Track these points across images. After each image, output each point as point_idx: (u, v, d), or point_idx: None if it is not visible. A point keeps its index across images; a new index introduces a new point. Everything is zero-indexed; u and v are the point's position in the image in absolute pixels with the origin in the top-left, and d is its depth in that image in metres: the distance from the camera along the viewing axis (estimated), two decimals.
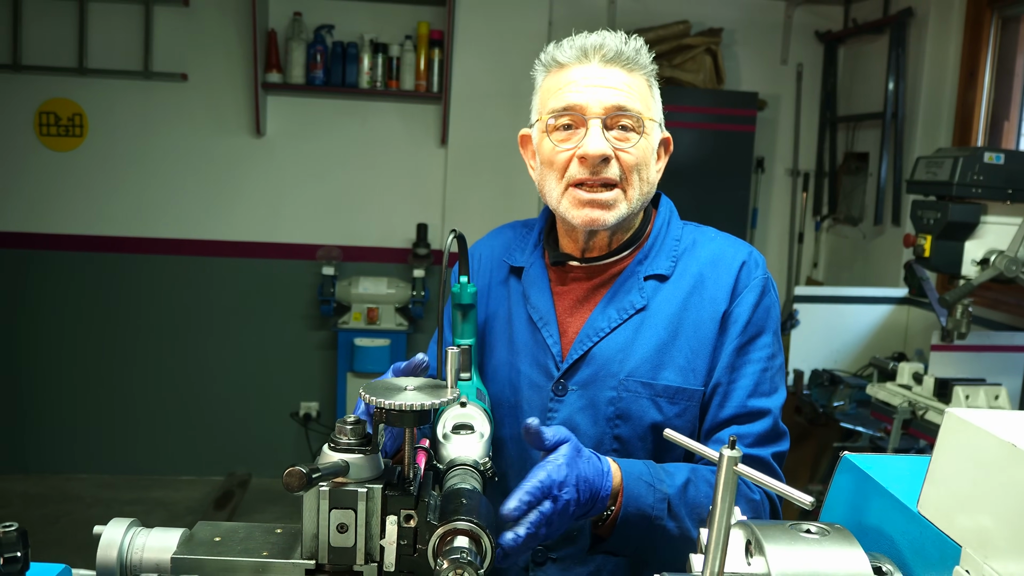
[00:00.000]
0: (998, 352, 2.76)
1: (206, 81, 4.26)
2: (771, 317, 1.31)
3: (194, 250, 4.41)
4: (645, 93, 1.29)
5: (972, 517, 0.66)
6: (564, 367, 1.31)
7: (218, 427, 4.56)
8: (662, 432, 1.26)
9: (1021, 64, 3.48)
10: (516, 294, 1.39)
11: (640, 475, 1.16)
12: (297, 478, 0.82)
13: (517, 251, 1.43)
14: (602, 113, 1.25)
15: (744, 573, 0.75)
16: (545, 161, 1.30)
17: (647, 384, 1.27)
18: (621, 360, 1.29)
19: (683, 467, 1.22)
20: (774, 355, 1.30)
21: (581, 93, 1.25)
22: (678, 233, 1.37)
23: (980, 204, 2.32)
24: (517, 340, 1.36)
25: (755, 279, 1.30)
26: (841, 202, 4.46)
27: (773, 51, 4.50)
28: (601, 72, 1.26)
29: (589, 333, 1.31)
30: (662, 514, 1.15)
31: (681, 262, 1.33)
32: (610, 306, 1.32)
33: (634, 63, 1.28)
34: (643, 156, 1.27)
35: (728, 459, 0.72)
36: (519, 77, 4.34)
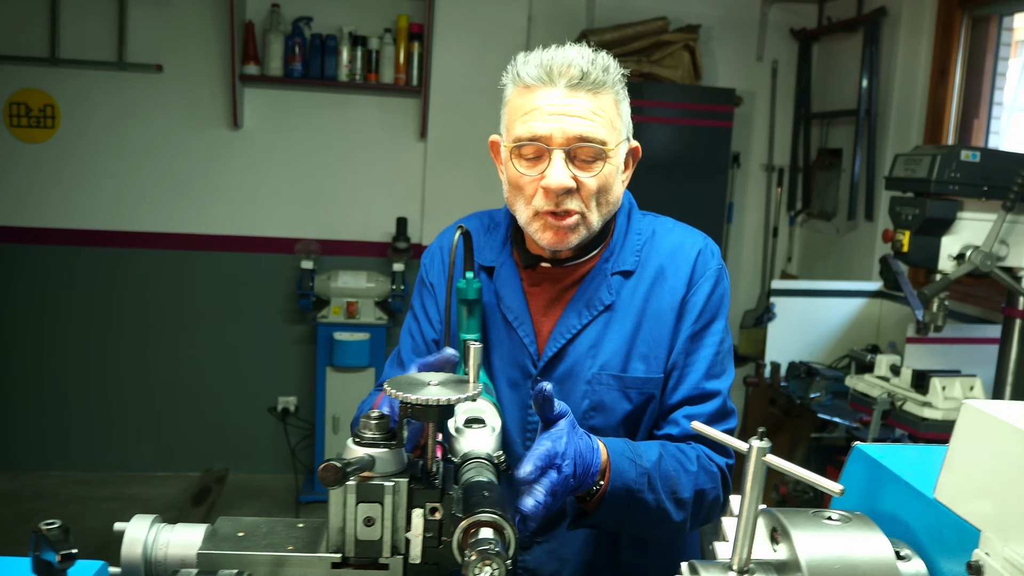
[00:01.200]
0: (971, 344, 2.83)
1: (182, 72, 4.22)
2: (723, 304, 1.39)
3: (170, 244, 4.37)
4: (611, 113, 1.29)
5: (991, 503, 0.69)
6: (541, 365, 1.36)
7: (194, 423, 4.53)
8: (632, 420, 1.36)
9: (991, 63, 3.56)
10: (487, 292, 1.42)
11: (623, 452, 1.23)
12: (332, 473, 0.84)
13: (486, 249, 1.45)
14: (564, 143, 1.25)
15: (772, 560, 0.78)
16: (512, 183, 1.32)
17: (617, 377, 1.35)
18: (593, 355, 1.35)
19: (653, 444, 1.29)
20: (724, 339, 1.38)
21: (545, 123, 1.25)
22: (639, 226, 1.42)
23: (956, 200, 2.38)
24: (493, 339, 1.40)
25: (710, 269, 1.38)
26: (815, 197, 4.54)
27: (749, 48, 4.56)
28: (565, 100, 1.25)
29: (562, 331, 1.37)
30: (643, 487, 1.22)
31: (643, 253, 1.40)
32: (579, 303, 1.38)
33: (600, 84, 1.27)
34: (605, 181, 1.30)
35: (757, 449, 0.75)
36: (499, 71, 4.32)
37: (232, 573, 0.83)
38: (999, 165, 2.33)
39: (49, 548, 0.69)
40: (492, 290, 1.42)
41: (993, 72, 3.54)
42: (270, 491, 4.47)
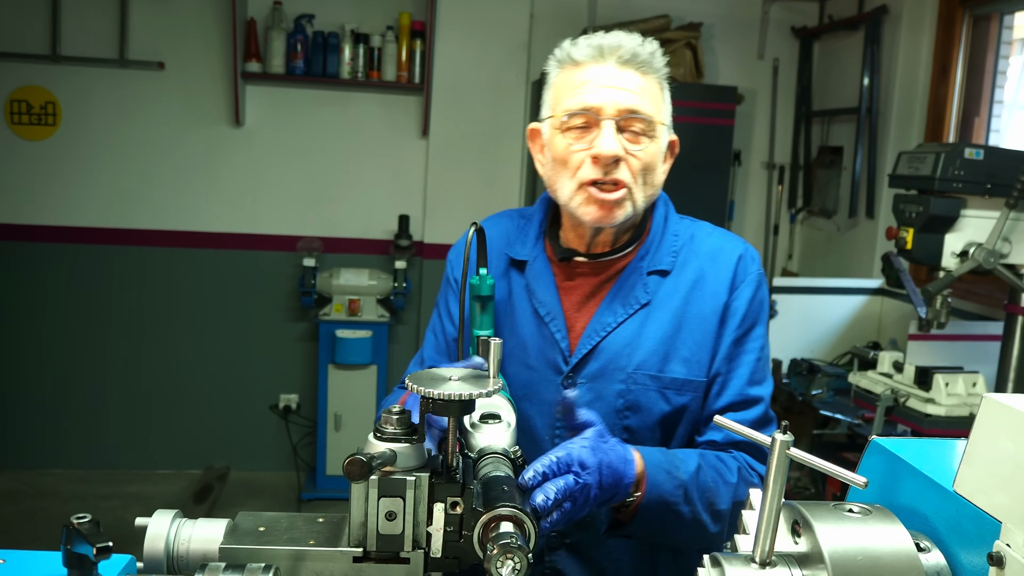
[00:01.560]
0: (972, 341, 2.84)
1: (184, 70, 4.22)
2: (764, 310, 1.38)
3: (172, 241, 4.37)
4: (657, 97, 1.32)
5: (1012, 494, 0.70)
6: (573, 362, 1.34)
7: (196, 420, 4.53)
8: (669, 422, 1.33)
9: (991, 62, 3.57)
10: (519, 287, 1.41)
11: (659, 463, 1.21)
12: (358, 467, 0.84)
13: (517, 243, 1.45)
14: (615, 115, 1.27)
15: (794, 552, 0.79)
16: (558, 159, 1.33)
17: (655, 377, 1.33)
18: (629, 354, 1.33)
19: (691, 453, 1.27)
20: (764, 346, 1.38)
21: (596, 94, 1.28)
22: (676, 228, 1.42)
23: (960, 198, 2.39)
24: (522, 333, 1.38)
25: (751, 274, 1.37)
26: (815, 195, 4.55)
27: (750, 46, 4.57)
28: (616, 73, 1.28)
29: (596, 328, 1.35)
30: (679, 500, 1.20)
31: (680, 256, 1.38)
32: (615, 301, 1.36)
33: (648, 66, 1.30)
34: (652, 159, 1.31)
35: (780, 443, 0.76)
36: (501, 69, 4.42)
37: (260, 567, 0.84)
38: (1002, 163, 2.34)
39: (84, 541, 0.70)
40: (524, 285, 1.41)
41: (994, 70, 3.55)
42: (272, 488, 4.48)
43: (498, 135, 4.46)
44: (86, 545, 0.70)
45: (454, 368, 1.02)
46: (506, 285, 1.43)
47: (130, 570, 0.82)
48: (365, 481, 0.89)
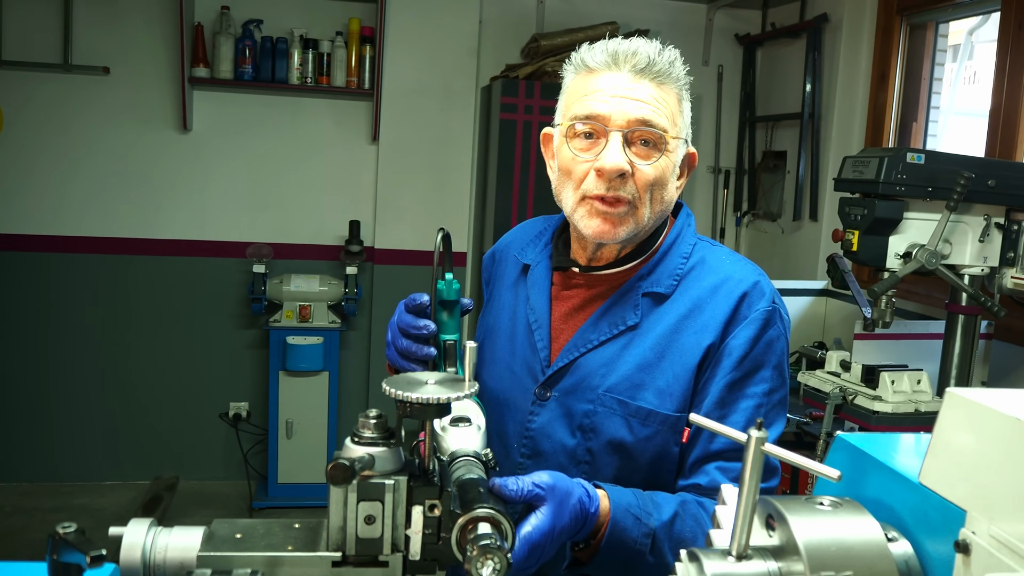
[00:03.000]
0: (915, 340, 2.93)
1: (129, 75, 4.14)
2: (773, 351, 1.26)
3: (118, 249, 4.28)
4: (673, 108, 1.25)
5: (976, 484, 0.74)
6: (549, 373, 1.32)
7: (143, 430, 4.45)
8: (630, 452, 1.27)
9: (928, 68, 3.70)
10: (522, 293, 1.40)
11: (628, 506, 1.15)
12: (342, 471, 0.85)
13: (529, 248, 1.44)
14: (624, 126, 1.22)
15: (768, 545, 0.81)
16: (563, 169, 1.28)
17: (623, 402, 1.26)
18: (603, 375, 1.28)
19: (672, 499, 1.21)
20: (773, 390, 1.26)
21: (606, 103, 1.22)
22: (687, 250, 1.34)
23: (903, 201, 2.46)
24: (516, 340, 1.38)
25: (756, 311, 1.26)
26: (760, 199, 4.65)
27: (695, 52, 4.65)
28: (630, 83, 1.22)
29: (578, 343, 1.31)
30: (644, 548, 1.14)
31: (684, 282, 1.31)
32: (603, 319, 1.31)
33: (666, 76, 1.24)
34: (662, 174, 1.25)
35: (756, 439, 0.78)
36: (450, 75, 4.43)
37: (246, 572, 0.84)
38: (942, 167, 2.42)
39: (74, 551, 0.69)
40: (524, 292, 1.39)
41: (930, 77, 3.68)
42: (222, 498, 4.41)
43: (448, 140, 4.47)
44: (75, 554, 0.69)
45: (430, 372, 1.03)
46: (514, 292, 1.42)
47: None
48: (347, 485, 0.89)
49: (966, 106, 4.05)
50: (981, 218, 2.50)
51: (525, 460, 1.32)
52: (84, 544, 0.68)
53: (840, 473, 0.76)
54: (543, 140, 1.38)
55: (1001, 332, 2.90)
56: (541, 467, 1.28)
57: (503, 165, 4.04)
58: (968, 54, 4.04)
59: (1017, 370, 2.89)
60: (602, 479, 1.27)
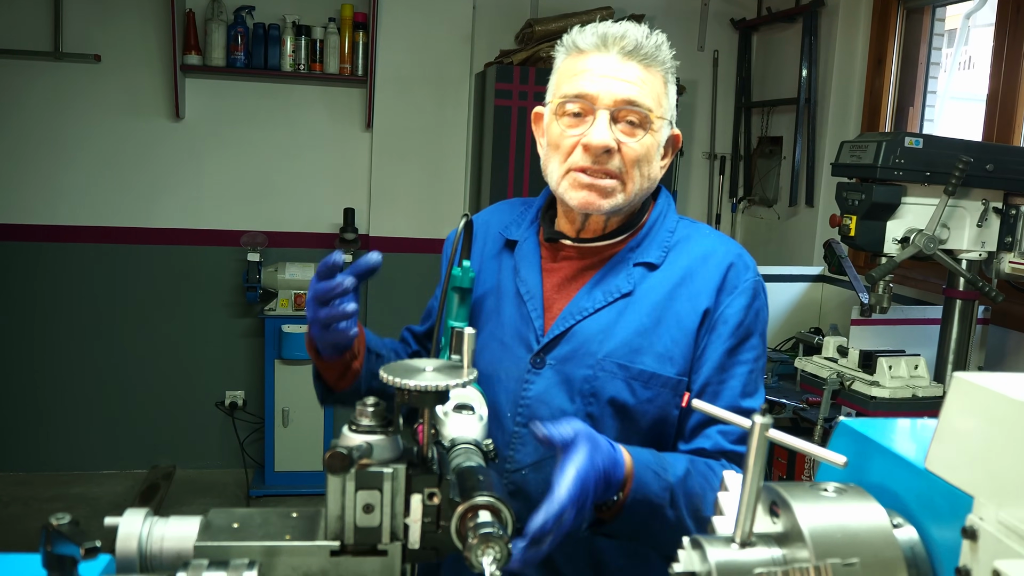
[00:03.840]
0: (912, 325, 2.93)
1: (121, 63, 4.11)
2: (760, 319, 1.35)
3: (112, 238, 4.26)
4: (659, 90, 1.30)
5: (984, 470, 0.73)
6: (544, 341, 1.34)
7: (140, 419, 4.44)
8: (632, 415, 1.31)
9: (924, 53, 3.69)
10: (507, 268, 1.42)
11: (648, 463, 1.18)
12: (340, 460, 0.83)
13: (513, 225, 1.46)
14: (611, 105, 1.27)
15: (772, 532, 0.80)
16: (551, 143, 1.33)
17: (623, 367, 1.30)
18: (601, 341, 1.31)
19: (681, 458, 1.25)
20: (759, 357, 1.34)
21: (594, 83, 1.27)
22: (672, 226, 1.40)
23: (901, 186, 2.45)
24: (504, 313, 1.39)
25: (745, 281, 1.34)
26: (756, 184, 4.64)
27: (691, 37, 4.63)
28: (618, 64, 1.27)
29: (573, 311, 1.34)
30: (664, 502, 1.18)
31: (672, 253, 1.36)
32: (597, 288, 1.35)
33: (652, 59, 1.29)
34: (647, 152, 1.30)
35: (760, 425, 0.77)
36: (444, 61, 4.40)
37: (244, 562, 0.83)
38: (940, 151, 2.41)
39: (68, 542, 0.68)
40: (512, 265, 1.42)
41: (927, 61, 3.66)
42: (220, 486, 4.41)
43: (443, 127, 4.44)
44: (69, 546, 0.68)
45: (428, 359, 1.02)
46: (497, 265, 1.44)
47: (110, 571, 0.80)
48: (345, 474, 0.88)
49: (963, 91, 4.04)
50: (979, 203, 2.49)
51: (520, 429, 1.33)
52: (78, 535, 0.67)
53: (846, 459, 0.75)
54: (534, 119, 1.43)
55: (998, 317, 2.90)
56: None
57: (498, 151, 4.02)
58: (964, 39, 4.02)
59: (1014, 355, 2.89)
60: None
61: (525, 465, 1.32)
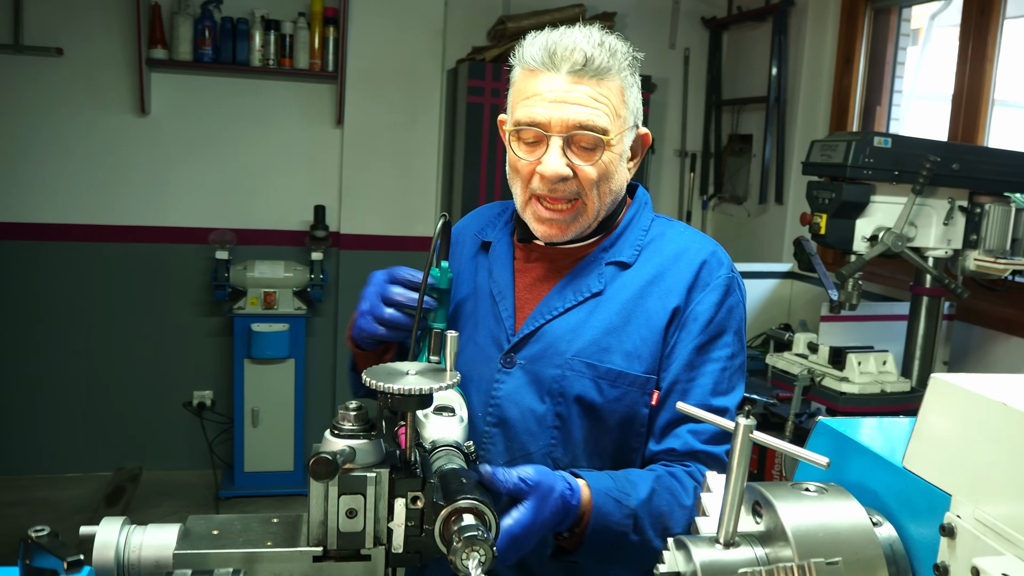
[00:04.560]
0: (880, 321, 2.97)
1: (84, 56, 4.04)
2: (733, 316, 1.33)
3: (76, 236, 4.19)
4: (616, 102, 1.27)
5: (961, 468, 0.74)
6: (514, 340, 1.34)
7: (105, 420, 4.37)
8: (600, 415, 1.31)
9: (891, 52, 3.73)
10: (483, 269, 1.43)
11: (608, 491, 1.18)
12: (325, 466, 0.83)
13: (489, 227, 1.47)
14: (563, 131, 1.24)
15: (755, 531, 0.81)
16: (511, 165, 1.33)
17: (591, 365, 1.30)
18: (570, 340, 1.31)
19: (646, 477, 1.24)
20: (734, 354, 1.32)
21: (545, 109, 1.24)
22: (647, 224, 1.40)
23: (870, 185, 2.49)
24: (479, 314, 1.39)
25: (717, 278, 1.32)
26: (726, 182, 4.67)
27: (662, 36, 4.65)
28: (567, 87, 1.24)
29: (543, 311, 1.34)
30: (627, 529, 1.18)
31: (645, 252, 1.36)
32: (567, 288, 1.35)
33: (606, 71, 1.25)
34: (605, 171, 1.28)
35: (744, 427, 0.78)
36: (416, 57, 4.38)
37: (227, 571, 0.82)
38: (909, 151, 2.45)
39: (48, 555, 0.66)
40: (487, 266, 1.42)
41: (894, 61, 3.71)
42: (188, 488, 4.35)
43: (414, 123, 4.42)
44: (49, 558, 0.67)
45: (410, 363, 1.01)
46: (474, 267, 1.44)
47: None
48: (330, 480, 0.88)
49: (928, 90, 4.10)
50: (945, 201, 2.53)
51: (491, 428, 1.33)
52: (59, 548, 0.66)
53: (829, 460, 0.76)
54: (500, 125, 1.41)
55: (963, 313, 2.95)
56: (508, 434, 1.32)
57: (470, 149, 4.01)
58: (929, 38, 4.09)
59: (978, 350, 2.94)
60: (572, 442, 1.31)
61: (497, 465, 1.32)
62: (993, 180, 2.53)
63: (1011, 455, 0.69)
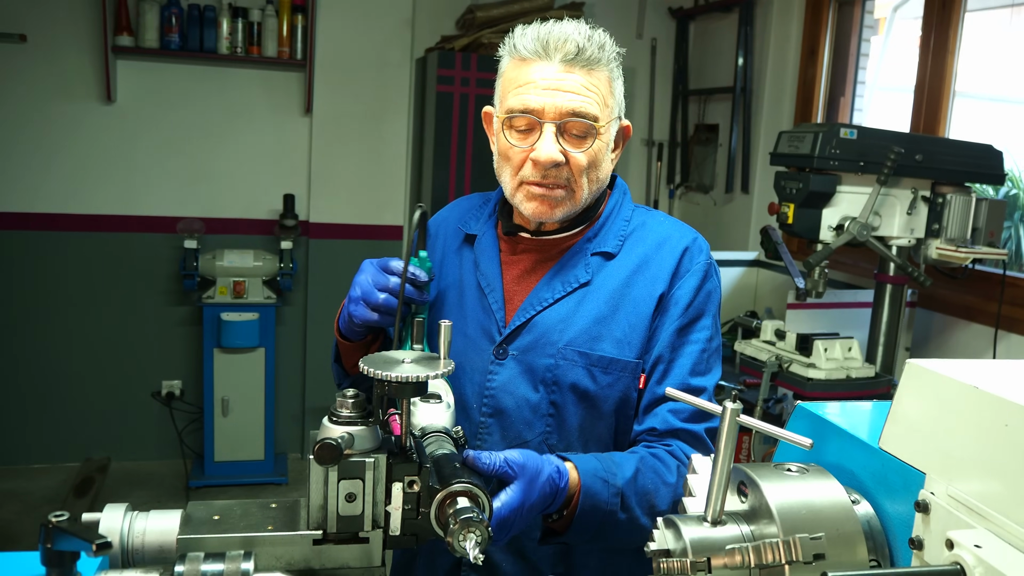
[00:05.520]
0: (845, 308, 3.05)
1: (48, 43, 3.97)
2: (711, 301, 1.38)
3: (41, 224, 4.13)
4: (604, 92, 1.31)
5: (935, 449, 0.79)
6: (506, 332, 1.37)
7: (73, 411, 4.33)
8: (594, 400, 1.35)
9: (855, 44, 3.81)
10: (468, 262, 1.45)
11: (595, 471, 1.21)
12: (330, 451, 0.86)
13: (472, 220, 1.49)
14: (557, 118, 1.28)
15: (740, 510, 0.85)
16: (502, 154, 1.35)
17: (583, 354, 1.34)
18: (561, 330, 1.35)
19: (629, 458, 1.28)
20: (712, 337, 1.37)
21: (538, 97, 1.28)
22: (628, 214, 1.44)
23: (836, 175, 2.55)
24: (466, 306, 1.42)
25: (697, 264, 1.37)
26: (693, 171, 4.73)
27: (629, 25, 4.68)
28: (560, 75, 1.27)
29: (533, 302, 1.38)
30: (615, 507, 1.21)
31: (628, 241, 1.40)
32: (555, 279, 1.38)
33: (596, 61, 1.29)
34: (596, 156, 1.32)
35: (731, 411, 0.82)
36: (385, 45, 4.37)
37: (240, 553, 0.84)
38: (874, 142, 2.51)
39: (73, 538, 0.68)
40: (472, 259, 1.44)
41: (857, 52, 3.79)
42: (157, 478, 4.33)
43: (383, 112, 4.42)
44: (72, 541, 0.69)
45: (404, 351, 1.04)
46: (458, 260, 1.46)
47: (104, 566, 0.81)
48: (334, 465, 0.90)
49: (890, 81, 4.19)
50: (909, 191, 2.60)
51: (487, 419, 1.36)
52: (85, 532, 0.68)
53: (812, 442, 0.80)
54: (484, 118, 1.44)
55: (924, 300, 3.04)
56: (504, 424, 1.35)
57: (440, 138, 4.02)
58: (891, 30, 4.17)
59: (938, 336, 3.03)
60: (567, 429, 1.35)
61: None
62: (955, 171, 2.61)
63: (982, 435, 0.74)
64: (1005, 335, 2.77)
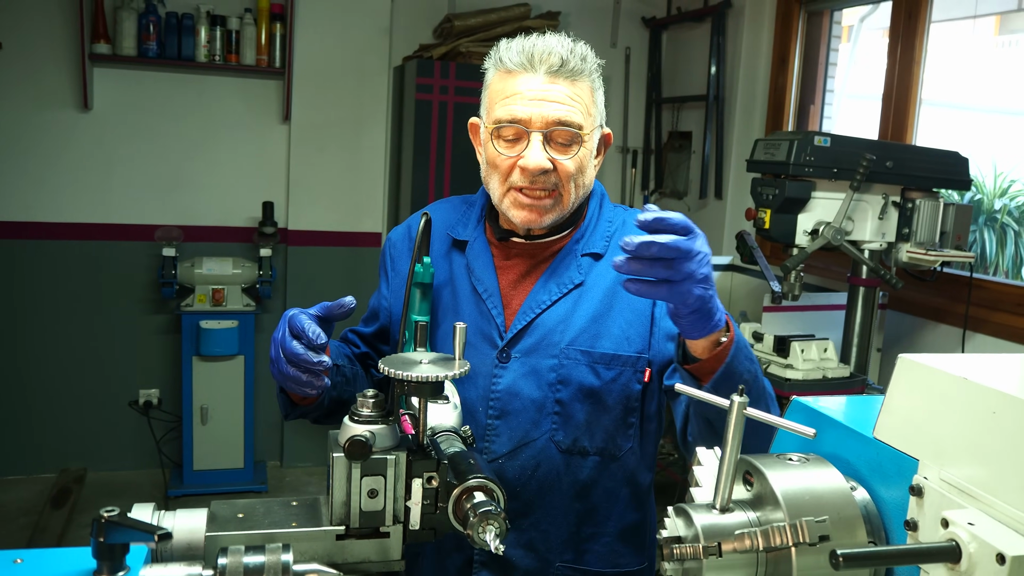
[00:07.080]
0: (819, 311, 3.13)
1: (24, 51, 3.96)
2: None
3: (16, 233, 4.10)
4: (588, 101, 1.37)
5: (927, 436, 0.85)
6: (508, 336, 1.41)
7: (48, 421, 4.30)
8: (599, 395, 1.40)
9: (824, 53, 3.91)
10: (459, 267, 1.49)
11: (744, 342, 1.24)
12: (360, 447, 0.90)
13: (459, 226, 1.53)
14: (543, 127, 1.33)
15: (745, 498, 0.91)
16: (490, 162, 1.40)
17: (586, 352, 1.40)
18: (562, 330, 1.41)
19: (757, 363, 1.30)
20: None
21: (525, 107, 1.33)
22: (610, 215, 1.50)
23: (811, 181, 2.63)
24: (462, 311, 1.46)
25: None
26: (667, 177, 4.82)
27: (603, 35, 4.76)
28: (545, 86, 1.33)
29: (532, 305, 1.43)
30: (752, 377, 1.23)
31: (613, 240, 1.46)
32: (551, 281, 1.44)
33: (579, 72, 1.35)
34: (581, 163, 1.38)
35: (738, 404, 0.87)
36: (363, 53, 4.41)
37: (278, 545, 0.88)
38: (847, 149, 2.60)
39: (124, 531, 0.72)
40: (464, 264, 1.48)
41: (826, 62, 3.89)
42: (135, 488, 4.31)
43: (361, 120, 4.45)
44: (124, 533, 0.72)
45: (421, 352, 1.08)
46: (448, 265, 1.50)
47: (148, 561, 0.84)
48: (363, 461, 0.94)
49: (857, 89, 4.30)
50: (880, 197, 2.69)
51: (493, 420, 1.41)
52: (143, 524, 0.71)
53: (815, 431, 0.86)
54: (471, 129, 1.49)
55: (895, 302, 3.13)
56: (511, 425, 1.40)
57: (419, 146, 4.06)
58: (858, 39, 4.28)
59: (909, 336, 3.13)
60: (573, 424, 1.40)
61: (501, 455, 1.41)
62: (924, 177, 2.70)
63: (971, 423, 0.80)
64: (972, 335, 2.87)
